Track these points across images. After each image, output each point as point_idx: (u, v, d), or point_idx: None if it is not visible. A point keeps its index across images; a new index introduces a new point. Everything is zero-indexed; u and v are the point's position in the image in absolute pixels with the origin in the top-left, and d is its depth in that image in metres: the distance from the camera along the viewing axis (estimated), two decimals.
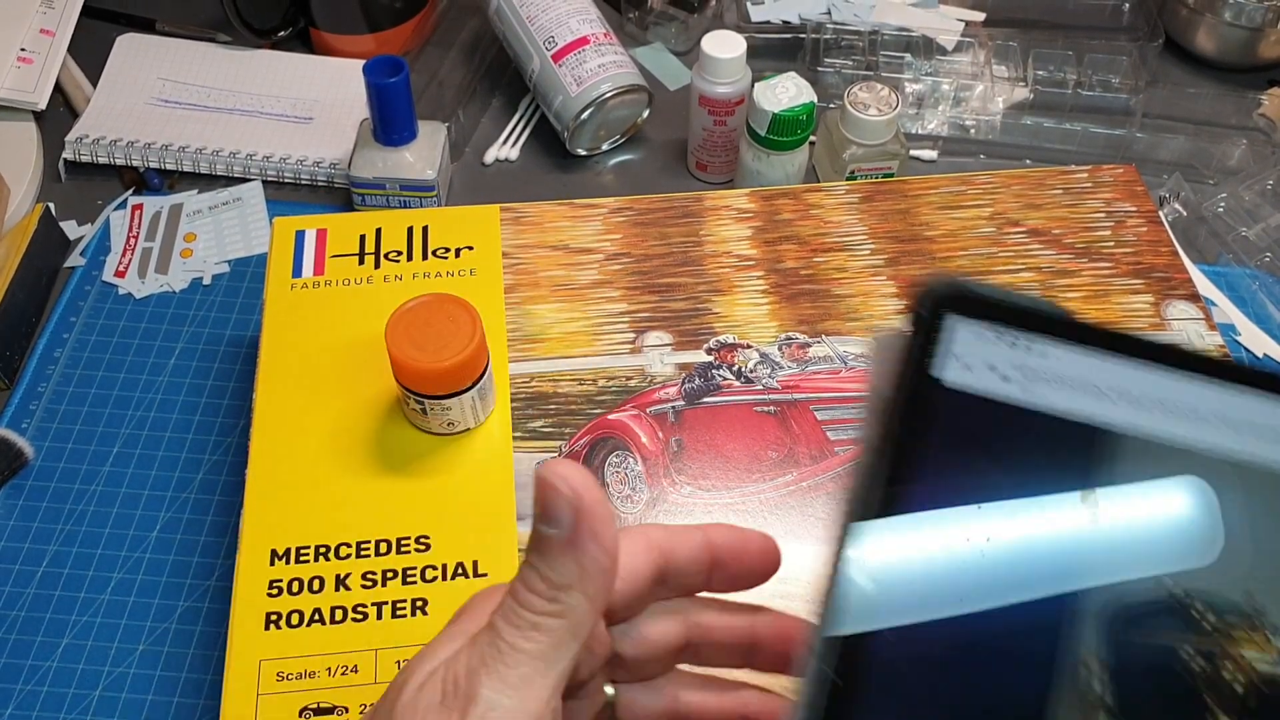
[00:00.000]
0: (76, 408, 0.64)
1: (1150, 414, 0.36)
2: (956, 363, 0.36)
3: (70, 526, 0.59)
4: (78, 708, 0.53)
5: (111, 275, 0.71)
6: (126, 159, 0.76)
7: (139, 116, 0.79)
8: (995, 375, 0.36)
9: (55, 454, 0.62)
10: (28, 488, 0.61)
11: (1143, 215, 0.66)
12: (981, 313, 0.36)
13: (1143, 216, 0.66)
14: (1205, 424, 0.35)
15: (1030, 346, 0.36)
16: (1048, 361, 0.36)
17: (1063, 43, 0.83)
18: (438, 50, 0.87)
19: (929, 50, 0.83)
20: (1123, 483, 0.34)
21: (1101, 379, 0.36)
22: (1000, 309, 0.36)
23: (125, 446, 0.63)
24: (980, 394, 0.36)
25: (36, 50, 0.79)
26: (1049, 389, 0.36)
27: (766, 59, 0.84)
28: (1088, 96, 0.81)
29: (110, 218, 0.74)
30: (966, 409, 0.36)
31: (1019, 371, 0.36)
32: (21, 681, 0.54)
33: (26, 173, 0.75)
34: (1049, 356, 0.36)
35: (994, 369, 0.36)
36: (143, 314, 0.69)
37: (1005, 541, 0.34)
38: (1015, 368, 0.35)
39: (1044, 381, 0.36)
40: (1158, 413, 0.36)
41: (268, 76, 0.83)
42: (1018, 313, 0.36)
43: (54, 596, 0.57)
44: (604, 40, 0.77)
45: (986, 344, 0.36)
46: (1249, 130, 0.80)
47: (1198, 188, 0.76)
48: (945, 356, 0.35)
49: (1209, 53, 0.85)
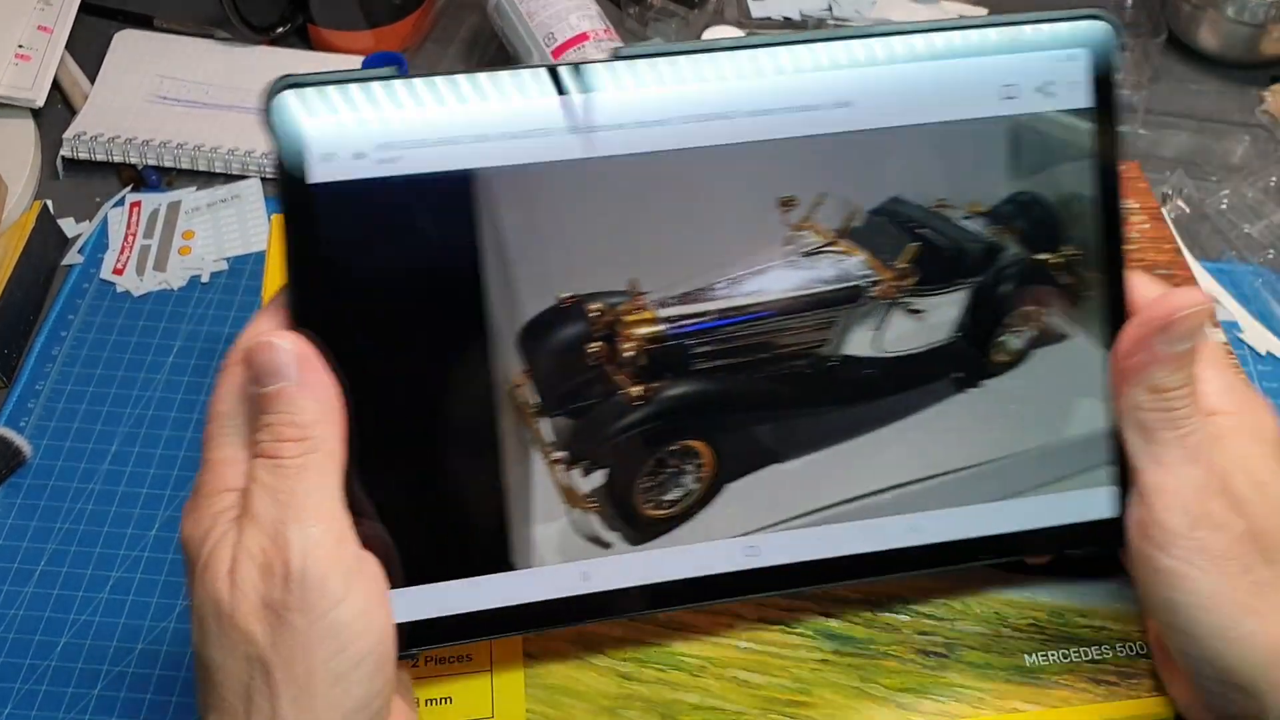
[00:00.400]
0: (74, 406, 0.64)
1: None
2: (321, 160, 0.38)
3: (68, 525, 0.59)
4: (76, 707, 0.53)
5: (109, 273, 0.70)
6: (124, 156, 0.76)
7: (137, 113, 0.78)
8: (365, 160, 0.38)
9: (53, 452, 0.62)
10: (25, 486, 0.61)
11: (1146, 212, 0.65)
12: (324, 103, 0.38)
13: (1146, 214, 0.65)
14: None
15: (376, 118, 0.38)
16: (403, 125, 0.38)
17: None
18: (437, 47, 0.86)
19: None
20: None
21: (462, 125, 0.38)
22: (338, 94, 0.38)
23: (123, 444, 0.62)
24: (357, 179, 0.38)
25: (34, 47, 0.79)
26: (416, 153, 0.38)
27: None
28: None
29: (108, 215, 0.74)
30: (350, 195, 0.38)
31: (381, 148, 0.38)
32: (20, 680, 0.54)
33: (24, 170, 0.75)
34: (402, 120, 0.38)
35: (360, 155, 0.38)
36: (141, 312, 0.69)
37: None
38: (376, 145, 0.38)
39: (407, 147, 0.38)
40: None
41: (266, 73, 0.81)
42: (353, 92, 0.38)
43: (52, 595, 0.57)
44: (604, 36, 0.76)
45: (341, 131, 0.38)
46: (1252, 126, 0.80)
47: (1200, 184, 0.75)
48: (310, 158, 0.37)
49: (1212, 49, 0.85)
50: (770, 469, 0.42)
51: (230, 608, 0.34)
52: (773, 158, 0.40)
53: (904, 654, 0.45)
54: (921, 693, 0.45)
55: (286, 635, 0.33)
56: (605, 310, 0.40)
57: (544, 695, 0.44)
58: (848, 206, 0.41)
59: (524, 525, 0.40)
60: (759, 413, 0.41)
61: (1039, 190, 0.42)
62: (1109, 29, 0.41)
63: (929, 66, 0.40)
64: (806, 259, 0.41)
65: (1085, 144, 0.42)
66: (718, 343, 0.41)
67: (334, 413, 0.36)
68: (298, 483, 0.34)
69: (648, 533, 0.41)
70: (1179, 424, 0.38)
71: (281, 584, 0.33)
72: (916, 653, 0.45)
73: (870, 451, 0.42)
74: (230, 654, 0.34)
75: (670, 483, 0.41)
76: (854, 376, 0.42)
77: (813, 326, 0.41)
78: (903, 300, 0.42)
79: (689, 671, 0.45)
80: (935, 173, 0.41)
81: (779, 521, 0.42)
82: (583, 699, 0.44)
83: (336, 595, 0.34)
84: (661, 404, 0.40)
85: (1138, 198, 0.66)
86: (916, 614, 0.46)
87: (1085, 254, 0.42)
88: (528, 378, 0.40)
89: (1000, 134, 0.41)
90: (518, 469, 0.40)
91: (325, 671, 0.33)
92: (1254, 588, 0.37)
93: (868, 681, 0.45)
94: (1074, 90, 0.41)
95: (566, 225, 0.39)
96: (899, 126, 0.40)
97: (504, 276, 0.39)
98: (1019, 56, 0.40)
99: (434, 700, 0.44)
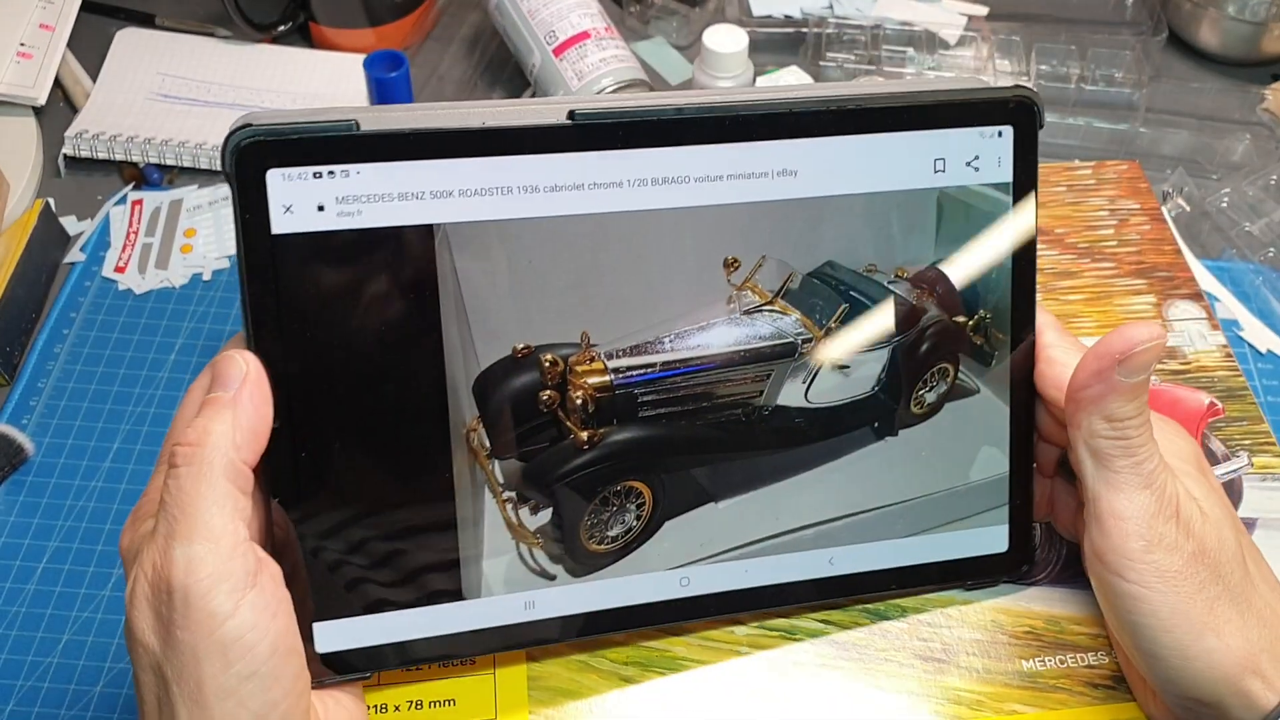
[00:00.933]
0: (77, 403, 0.64)
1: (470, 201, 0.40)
2: (283, 212, 0.38)
3: (71, 523, 0.59)
4: (79, 704, 0.53)
5: (111, 271, 0.70)
6: (126, 154, 0.76)
7: (139, 111, 0.79)
8: (326, 213, 0.39)
9: (55, 450, 0.62)
10: (28, 484, 0.61)
11: (1146, 213, 0.65)
12: (284, 157, 0.38)
13: (1146, 214, 0.65)
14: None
15: (337, 172, 0.39)
16: (364, 179, 0.39)
17: (1065, 37, 0.83)
18: (438, 45, 0.86)
19: (932, 44, 0.83)
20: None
21: (422, 181, 0.39)
22: (298, 147, 0.38)
23: (126, 442, 0.63)
24: (317, 231, 0.39)
25: (36, 45, 0.79)
26: (377, 206, 0.39)
27: (768, 53, 0.84)
28: (1091, 91, 0.80)
29: (110, 213, 0.74)
30: (310, 248, 0.39)
31: (341, 202, 0.39)
32: (22, 677, 0.54)
33: (26, 168, 0.75)
34: (362, 175, 0.39)
35: (321, 208, 0.39)
36: (143, 310, 0.69)
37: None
38: (337, 199, 0.39)
39: (368, 201, 0.39)
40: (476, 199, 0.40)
41: (268, 71, 0.82)
42: (313, 145, 0.38)
43: (55, 592, 0.57)
44: (605, 34, 0.76)
45: (302, 185, 0.39)
46: (1252, 125, 0.80)
47: (1201, 182, 0.75)
48: (271, 209, 0.38)
49: (1212, 47, 0.85)
50: (706, 507, 0.45)
51: (131, 623, 0.35)
52: (720, 220, 0.42)
53: (903, 659, 0.46)
54: (921, 695, 0.45)
55: (175, 651, 0.34)
56: (557, 360, 0.42)
57: (547, 697, 0.44)
58: (785, 269, 0.44)
59: (475, 558, 0.42)
60: (697, 456, 0.44)
61: (959, 256, 0.45)
62: (1033, 108, 0.43)
63: (869, 139, 0.42)
64: (747, 317, 0.44)
65: (1004, 215, 0.44)
66: (662, 392, 0.43)
67: (245, 434, 0.36)
68: (191, 496, 0.35)
69: (590, 565, 0.43)
70: (1134, 451, 0.40)
71: (167, 601, 0.34)
72: (915, 657, 0.46)
73: (796, 492, 0.45)
74: (141, 667, 0.35)
75: (613, 520, 0.43)
76: (784, 425, 0.45)
77: (750, 379, 0.44)
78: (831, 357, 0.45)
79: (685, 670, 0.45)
80: (866, 239, 0.44)
81: (710, 555, 0.44)
82: (585, 701, 0.44)
83: (223, 612, 0.34)
84: (608, 448, 0.43)
85: (1137, 197, 0.66)
86: (915, 621, 0.47)
87: (997, 317, 0.45)
88: (480, 423, 0.42)
89: (928, 204, 0.44)
90: (470, 506, 0.42)
91: (215, 686, 0.34)
92: (1209, 604, 0.39)
93: (868, 685, 0.45)
94: (999, 165, 0.44)
95: (522, 280, 0.41)
96: (838, 195, 0.43)
97: (462, 327, 0.41)
98: (951, 132, 0.43)
99: (438, 702, 0.44)
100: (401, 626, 0.41)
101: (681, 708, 0.44)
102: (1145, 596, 0.39)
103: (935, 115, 0.43)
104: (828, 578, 0.45)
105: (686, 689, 0.45)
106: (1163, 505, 0.39)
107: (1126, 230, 0.64)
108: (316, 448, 0.39)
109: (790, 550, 0.45)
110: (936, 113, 0.43)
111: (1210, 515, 0.40)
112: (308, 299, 0.39)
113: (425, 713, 0.44)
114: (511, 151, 0.39)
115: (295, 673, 0.36)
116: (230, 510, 0.35)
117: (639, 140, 0.40)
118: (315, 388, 0.39)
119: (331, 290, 0.39)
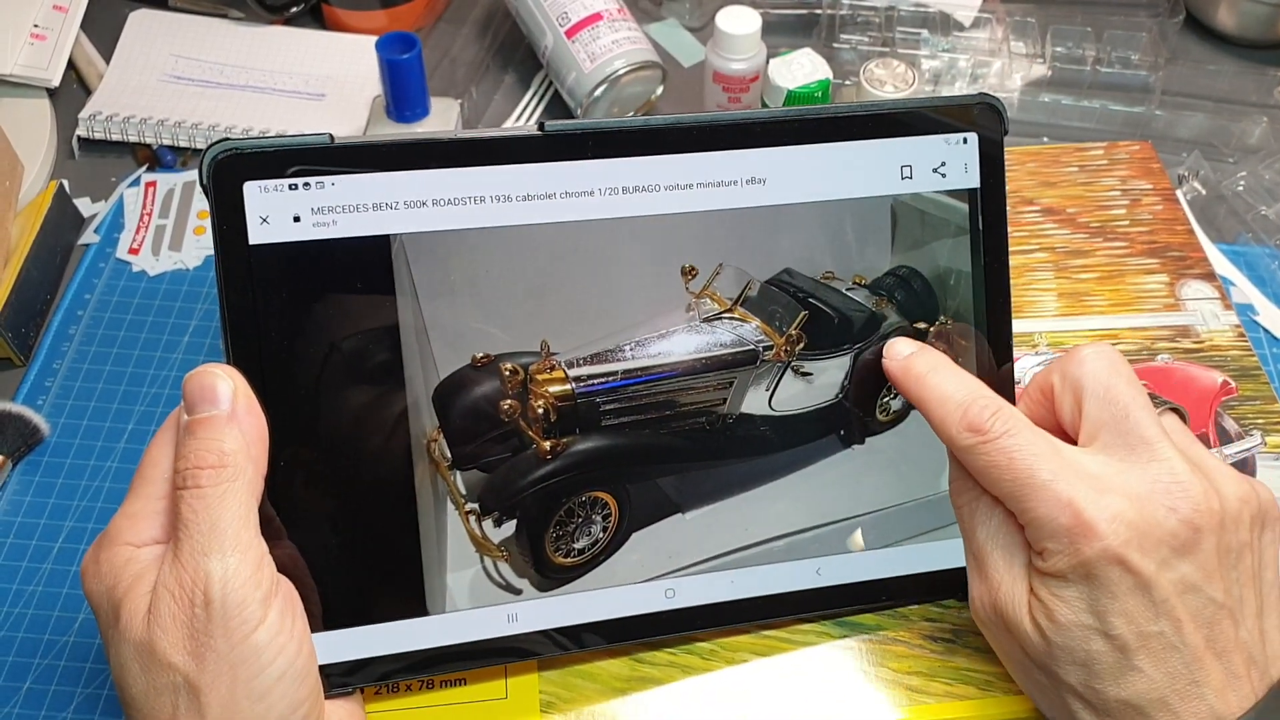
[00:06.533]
0: (91, 384, 0.64)
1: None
2: (260, 223, 0.39)
3: (86, 503, 0.60)
4: (95, 681, 0.54)
5: (125, 252, 0.71)
6: (140, 136, 0.76)
7: (152, 93, 0.79)
8: (302, 224, 0.39)
9: (70, 430, 0.63)
10: (43, 464, 0.61)
11: (1158, 193, 0.65)
12: (261, 169, 0.39)
13: (1158, 194, 0.65)
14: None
15: (313, 184, 0.39)
16: (339, 190, 0.39)
17: (1081, 19, 0.82)
18: (450, 26, 0.86)
19: (946, 26, 0.82)
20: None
21: (396, 191, 0.40)
22: (274, 159, 0.39)
23: (140, 423, 0.63)
24: (293, 241, 0.39)
25: (49, 27, 0.79)
26: (351, 217, 0.40)
27: (781, 35, 0.83)
28: (1106, 73, 0.80)
29: (124, 195, 0.74)
30: (287, 258, 0.39)
31: (317, 213, 0.39)
32: (39, 655, 0.54)
33: (40, 150, 0.75)
34: (337, 186, 0.39)
35: (297, 219, 0.39)
36: (156, 291, 0.69)
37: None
38: (312, 210, 0.39)
39: (343, 211, 0.40)
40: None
41: (280, 53, 0.82)
42: (289, 157, 0.39)
43: (70, 571, 0.57)
44: (617, 16, 0.76)
45: (279, 196, 0.39)
46: (1269, 108, 0.79)
47: (1217, 166, 0.75)
48: (249, 220, 0.39)
49: (1229, 29, 0.84)
50: (674, 519, 0.45)
51: (150, 646, 0.36)
52: (680, 228, 0.42)
53: (912, 639, 0.46)
54: (930, 676, 0.45)
55: (210, 661, 0.35)
56: (518, 369, 0.42)
57: (557, 677, 0.45)
58: (744, 277, 0.44)
59: (438, 572, 0.42)
60: (663, 466, 0.44)
61: (919, 263, 0.45)
62: (997, 114, 0.44)
63: (837, 147, 0.43)
64: (707, 324, 0.44)
65: (968, 221, 0.44)
66: (624, 400, 0.43)
67: (257, 447, 0.38)
68: (219, 513, 0.36)
69: (556, 579, 0.43)
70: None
71: (204, 613, 0.35)
72: (924, 639, 0.46)
73: (766, 502, 0.45)
74: (153, 687, 0.36)
75: (579, 531, 0.44)
76: (750, 433, 0.45)
77: (713, 386, 0.44)
78: (793, 364, 0.45)
79: (700, 655, 0.45)
80: (823, 246, 0.44)
81: (681, 568, 0.44)
82: (595, 680, 0.45)
83: (255, 618, 0.36)
84: (570, 458, 0.43)
85: (1150, 178, 0.66)
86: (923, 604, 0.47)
87: (961, 323, 0.45)
88: (441, 433, 0.42)
89: (882, 211, 0.44)
90: (433, 518, 0.42)
91: (248, 690, 0.36)
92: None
93: (878, 665, 0.45)
94: (965, 171, 0.44)
95: (483, 288, 0.41)
96: (803, 203, 0.43)
97: (423, 336, 0.41)
98: (917, 139, 0.43)
99: (449, 682, 0.44)
100: (372, 642, 0.41)
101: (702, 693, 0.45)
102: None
103: (902, 123, 0.43)
104: (816, 589, 0.45)
105: (696, 667, 0.45)
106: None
107: (1139, 210, 0.64)
108: (287, 459, 0.40)
109: (764, 561, 0.45)
110: (903, 120, 0.43)
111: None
112: (281, 306, 0.39)
113: (436, 691, 0.44)
114: (485, 162, 0.40)
115: (315, 675, 0.38)
116: (255, 523, 0.37)
117: (611, 150, 0.41)
118: (281, 399, 0.40)
119: (303, 297, 0.40)
